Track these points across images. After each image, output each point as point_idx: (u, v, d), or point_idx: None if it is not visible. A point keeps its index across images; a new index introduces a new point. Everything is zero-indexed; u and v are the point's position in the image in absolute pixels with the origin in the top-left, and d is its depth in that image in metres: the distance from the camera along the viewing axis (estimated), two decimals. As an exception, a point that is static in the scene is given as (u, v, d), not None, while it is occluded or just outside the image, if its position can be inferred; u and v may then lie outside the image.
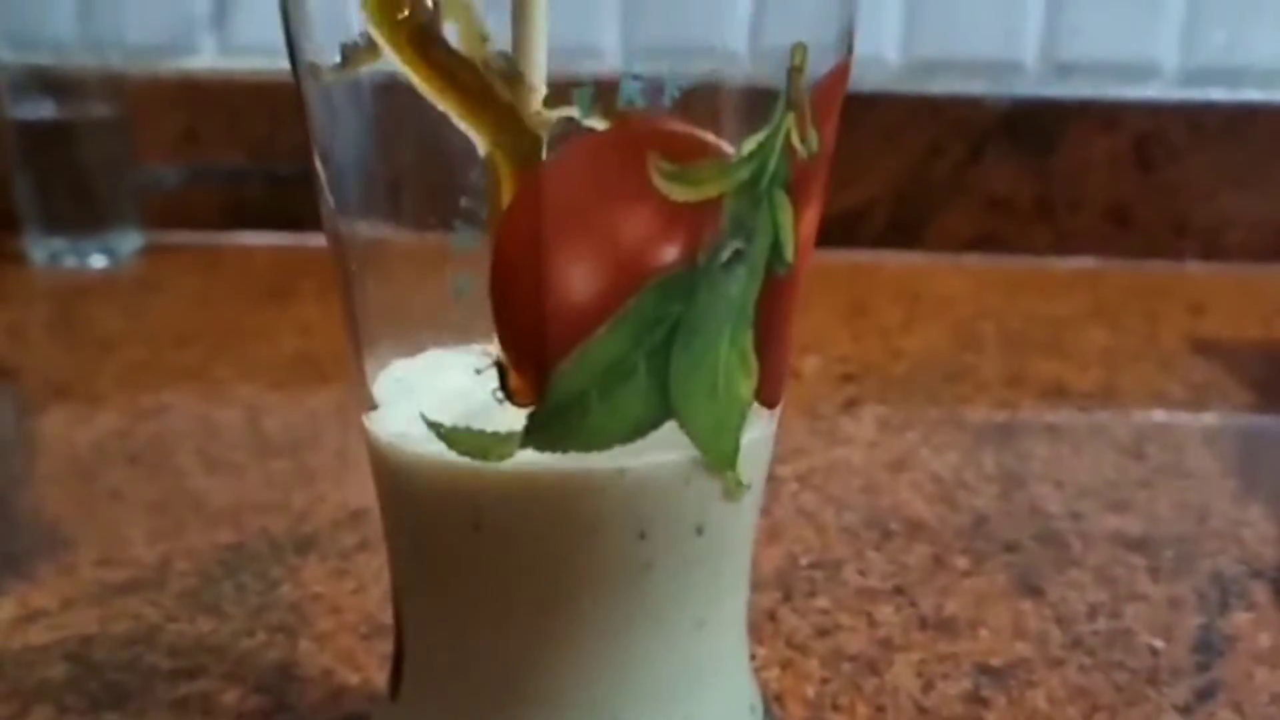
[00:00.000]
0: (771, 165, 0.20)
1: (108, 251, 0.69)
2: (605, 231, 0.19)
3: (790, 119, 0.20)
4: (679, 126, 0.19)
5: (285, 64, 0.21)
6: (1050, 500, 0.42)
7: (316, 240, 0.23)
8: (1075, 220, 0.71)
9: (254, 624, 0.35)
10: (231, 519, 0.40)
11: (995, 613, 0.36)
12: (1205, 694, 0.32)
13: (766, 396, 0.22)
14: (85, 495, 0.42)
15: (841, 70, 0.21)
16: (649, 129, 0.18)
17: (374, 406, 0.22)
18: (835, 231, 0.73)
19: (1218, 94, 0.69)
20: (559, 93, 0.18)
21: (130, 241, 0.70)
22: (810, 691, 0.32)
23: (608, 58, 0.19)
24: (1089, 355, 0.57)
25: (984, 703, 0.32)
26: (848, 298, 0.64)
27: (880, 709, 0.31)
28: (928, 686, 0.32)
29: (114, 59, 0.68)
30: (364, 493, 0.34)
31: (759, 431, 0.22)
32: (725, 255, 0.19)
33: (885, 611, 0.36)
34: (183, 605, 0.36)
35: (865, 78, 0.71)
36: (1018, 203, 0.71)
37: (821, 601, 0.36)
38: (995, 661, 0.33)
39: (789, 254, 0.21)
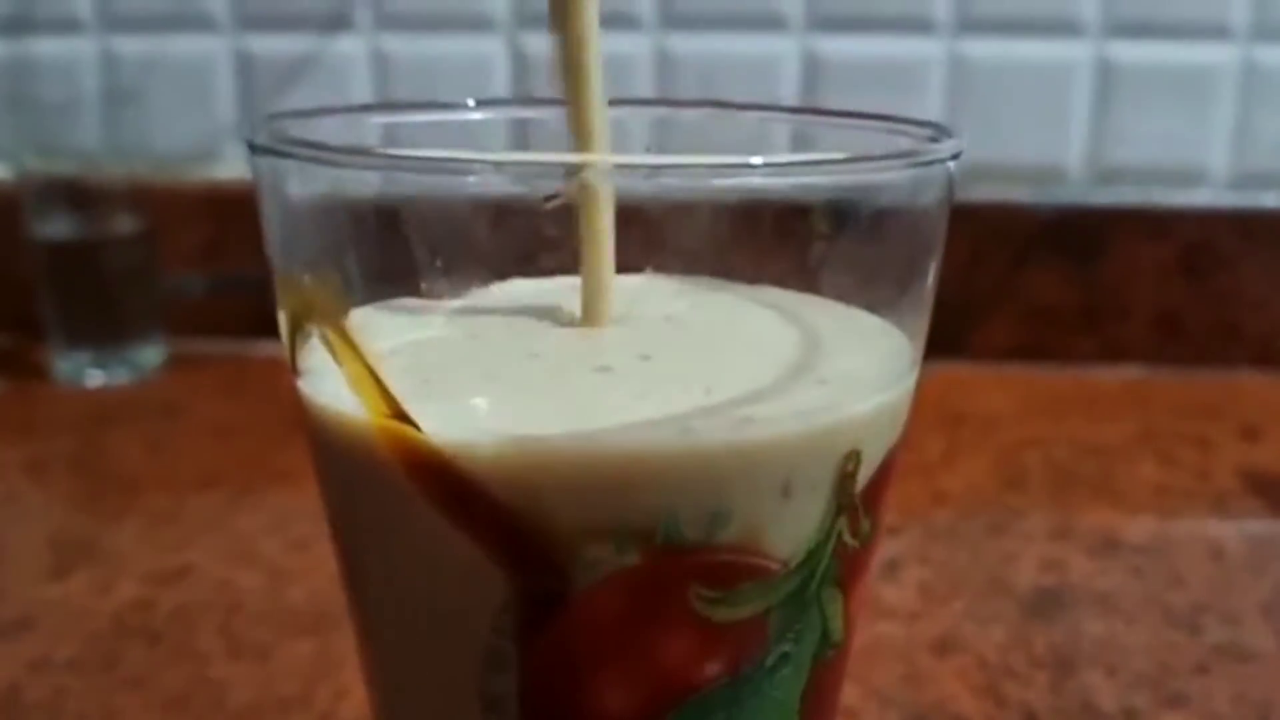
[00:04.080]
0: (821, 568, 0.18)
1: (132, 365, 0.68)
2: (643, 654, 0.18)
3: (842, 521, 0.18)
4: (721, 555, 0.17)
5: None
6: (1102, 693, 0.41)
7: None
8: (1122, 329, 0.69)
9: None
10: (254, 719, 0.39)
11: (1047, 847, 0.34)
12: None
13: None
14: (105, 685, 0.41)
15: (893, 460, 0.20)
16: (689, 562, 0.17)
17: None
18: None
19: (1270, 199, 0.67)
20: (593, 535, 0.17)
21: (154, 354, 0.69)
22: None
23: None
24: (1139, 497, 0.55)
25: None
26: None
27: None
28: None
29: (139, 168, 0.68)
30: None
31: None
32: (770, 661, 0.18)
33: (931, 843, 0.34)
34: (202, 836, 0.35)
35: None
36: (1062, 312, 0.69)
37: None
38: None
39: (838, 637, 0.19)
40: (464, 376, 0.19)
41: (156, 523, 0.52)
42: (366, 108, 0.24)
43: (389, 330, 0.21)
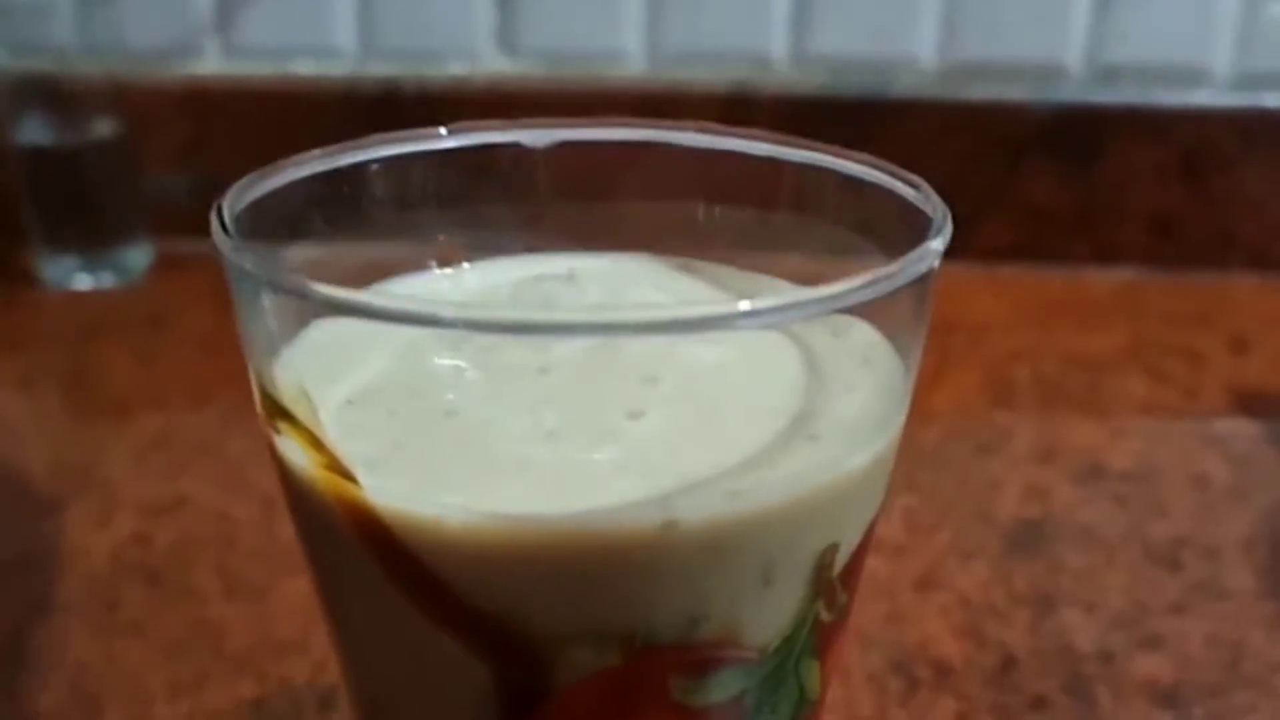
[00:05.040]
0: (799, 648, 0.19)
1: (118, 269, 0.68)
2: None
3: (820, 603, 0.18)
4: (700, 651, 0.18)
5: (294, 67, 0.21)
6: (1080, 633, 0.42)
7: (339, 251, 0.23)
8: (1117, 231, 0.69)
9: (278, 816, 0.35)
10: (252, 665, 0.40)
11: (1020, 798, 0.36)
12: None
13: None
14: (106, 628, 0.42)
15: (871, 534, 0.20)
16: (669, 659, 0.17)
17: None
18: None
19: (1272, 100, 0.66)
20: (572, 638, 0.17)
21: (141, 257, 0.68)
22: None
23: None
24: (1126, 417, 0.55)
25: None
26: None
27: None
28: None
29: (116, 66, 0.66)
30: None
31: None
32: (747, 732, 0.19)
33: (910, 794, 0.36)
34: (207, 789, 0.36)
35: (900, 82, 0.68)
36: (1058, 213, 0.68)
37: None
38: None
39: (815, 695, 0.20)
40: (425, 448, 0.19)
41: (149, 449, 0.53)
42: (335, 151, 0.23)
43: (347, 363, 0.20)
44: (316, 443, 0.18)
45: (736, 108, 0.68)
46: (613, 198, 0.24)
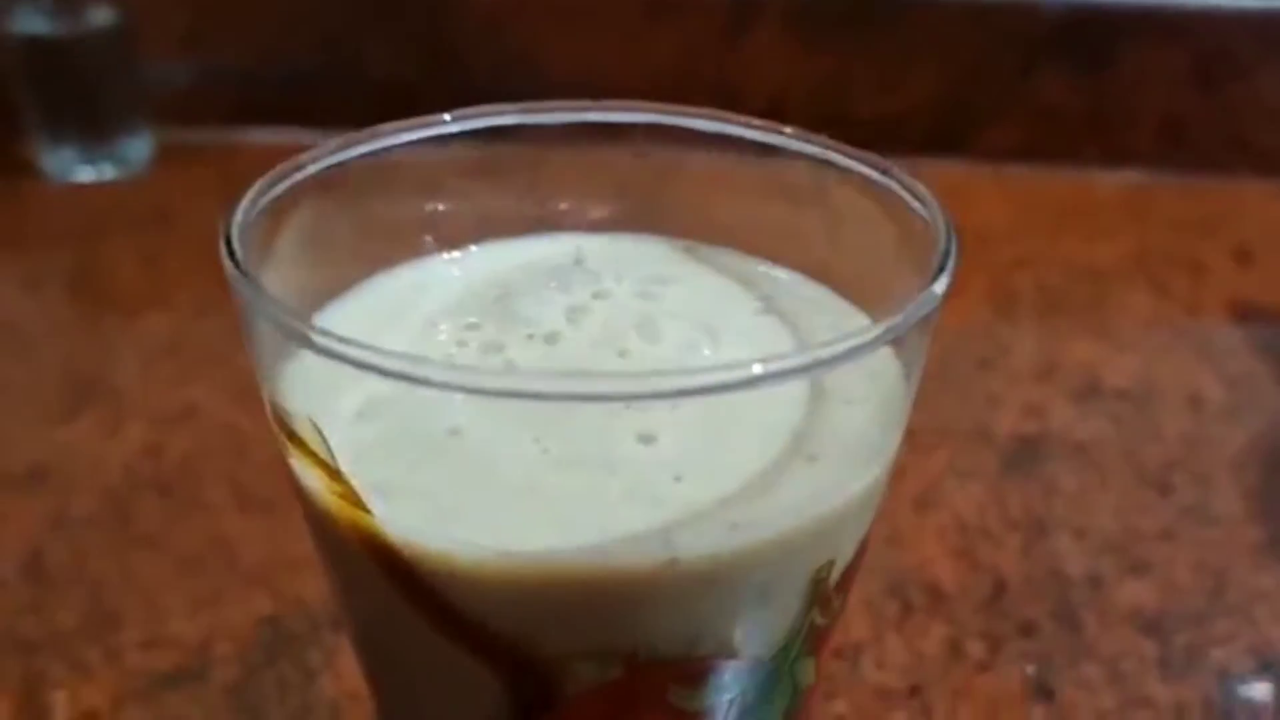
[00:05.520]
0: (795, 652, 0.19)
1: (119, 160, 0.67)
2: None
3: (815, 609, 0.19)
4: (699, 663, 0.18)
5: None
6: (1070, 558, 0.43)
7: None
8: (1127, 135, 0.68)
9: (296, 734, 0.37)
10: (266, 582, 0.41)
11: (1005, 725, 0.37)
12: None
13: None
14: (121, 543, 0.43)
15: (865, 547, 0.20)
16: (669, 671, 0.18)
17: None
18: (873, 138, 0.69)
19: (1293, 1, 0.64)
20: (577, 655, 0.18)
21: (141, 148, 0.68)
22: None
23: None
24: (1127, 332, 0.56)
25: None
26: (882, 236, 0.62)
27: None
28: (935, 828, 0.34)
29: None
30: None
31: None
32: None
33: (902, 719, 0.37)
34: (227, 706, 0.37)
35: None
36: (1068, 115, 0.68)
37: (840, 706, 0.37)
38: (1002, 794, 0.35)
39: (809, 683, 0.21)
40: (436, 475, 0.19)
41: (157, 356, 0.53)
42: (342, 145, 0.23)
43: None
44: (331, 471, 0.19)
45: (743, 8, 0.67)
46: (617, 178, 0.24)
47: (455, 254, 0.24)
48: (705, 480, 0.18)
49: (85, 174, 0.67)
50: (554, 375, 0.17)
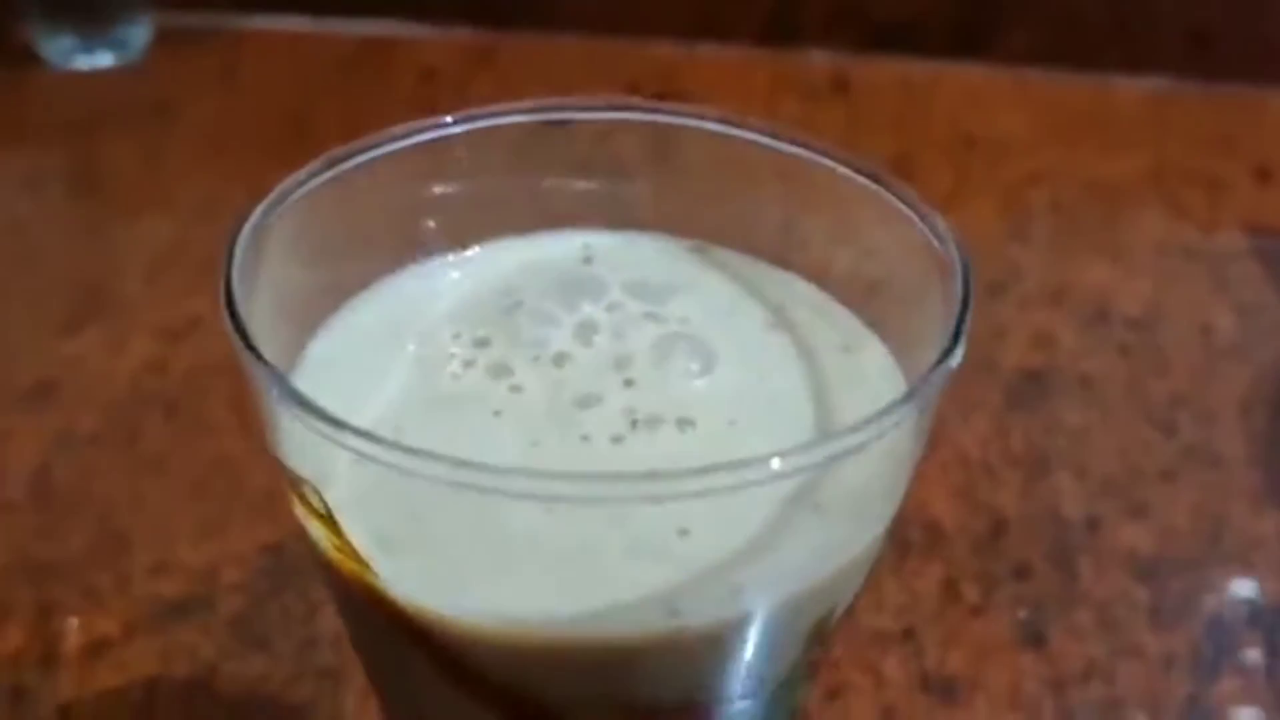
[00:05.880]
0: (795, 683, 0.20)
1: (118, 45, 0.65)
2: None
3: (816, 649, 0.19)
4: (700, 708, 0.19)
5: None
6: (1069, 499, 0.43)
7: (337, 27, 0.23)
8: (1152, 40, 0.65)
9: (301, 667, 0.38)
10: (270, 509, 0.42)
11: (995, 671, 0.38)
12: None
13: None
14: (128, 464, 0.43)
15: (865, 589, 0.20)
16: (668, 715, 0.18)
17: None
18: (891, 40, 0.68)
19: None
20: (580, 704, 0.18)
21: (141, 33, 0.66)
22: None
23: None
24: (1140, 255, 0.55)
25: (969, 800, 0.35)
26: (895, 145, 0.61)
27: (875, 806, 0.34)
28: (920, 777, 0.35)
29: None
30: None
31: None
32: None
33: (892, 665, 0.38)
34: (234, 637, 0.38)
35: None
36: (1091, 19, 0.65)
37: (834, 650, 0.38)
38: (988, 743, 0.36)
39: (806, 700, 0.21)
40: (437, 525, 0.19)
41: (161, 264, 0.53)
42: (341, 155, 0.22)
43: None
44: (333, 527, 0.19)
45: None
46: (625, 176, 0.23)
47: (461, 254, 0.24)
48: (711, 534, 0.18)
49: (83, 61, 0.65)
50: (562, 478, 0.17)
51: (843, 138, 0.63)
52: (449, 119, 0.22)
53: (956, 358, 0.20)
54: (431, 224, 0.23)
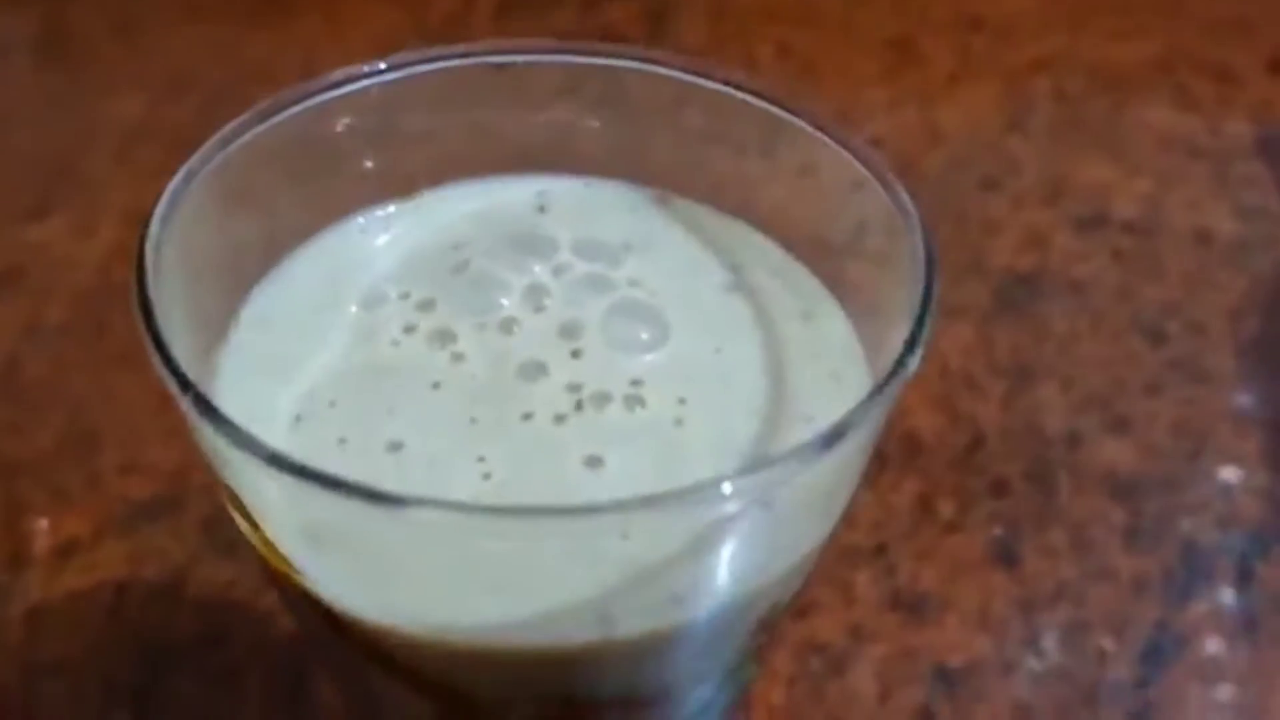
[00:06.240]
0: (738, 669, 0.19)
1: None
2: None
3: (760, 637, 0.19)
4: (639, 703, 0.18)
5: None
6: (1051, 412, 0.42)
7: None
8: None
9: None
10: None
11: (967, 590, 0.38)
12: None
13: None
14: (97, 359, 0.43)
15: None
16: (608, 707, 0.18)
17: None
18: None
19: None
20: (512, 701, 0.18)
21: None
22: (777, 697, 0.35)
23: None
24: (1142, 151, 0.53)
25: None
26: (896, 25, 0.58)
27: (837, 722, 0.35)
28: (884, 695, 0.35)
29: None
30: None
31: None
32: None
33: (863, 582, 0.38)
34: (204, 541, 0.38)
35: None
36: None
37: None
38: (954, 662, 0.36)
39: (753, 676, 0.21)
40: (357, 541, 0.18)
41: (132, 140, 0.51)
42: (274, 107, 0.21)
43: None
44: (254, 525, 0.18)
45: None
46: (581, 121, 0.22)
47: (408, 202, 0.23)
48: (652, 538, 0.17)
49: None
50: (470, 512, 0.16)
51: (841, 17, 0.60)
52: (383, 65, 0.21)
53: (913, 364, 0.19)
54: (377, 171, 0.22)
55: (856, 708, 0.35)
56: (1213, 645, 0.37)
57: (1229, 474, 0.41)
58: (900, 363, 0.19)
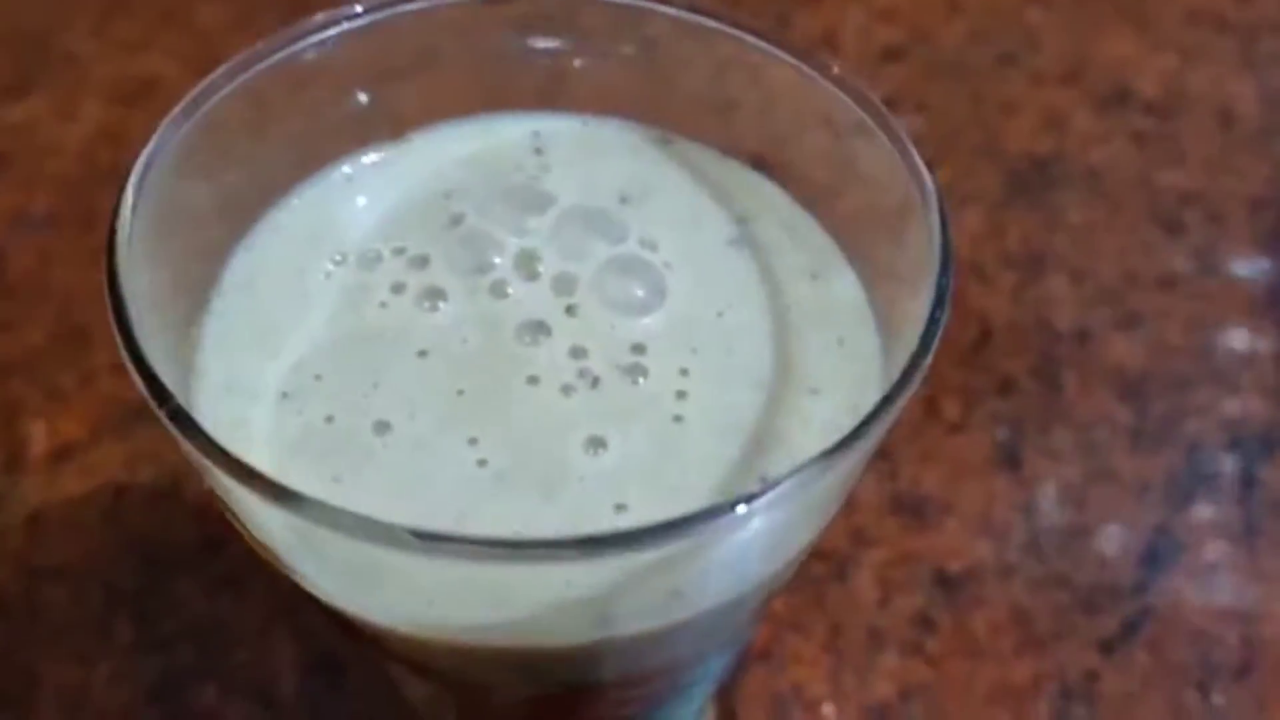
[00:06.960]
0: (739, 638, 0.19)
1: None
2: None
3: (762, 609, 0.18)
4: (638, 684, 0.18)
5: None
6: (1061, 306, 0.41)
7: None
8: None
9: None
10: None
11: (969, 493, 0.37)
12: (1130, 627, 0.35)
13: None
14: (84, 251, 0.41)
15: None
16: (607, 687, 0.18)
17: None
18: None
19: None
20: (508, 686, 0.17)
21: None
22: (779, 604, 0.35)
23: None
24: (1167, 26, 0.50)
25: (929, 625, 0.35)
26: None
27: (836, 629, 0.35)
28: (884, 601, 0.35)
29: None
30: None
31: None
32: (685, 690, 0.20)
33: (865, 485, 0.37)
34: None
35: None
36: None
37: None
38: (953, 568, 0.36)
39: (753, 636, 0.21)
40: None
41: (110, 12, 0.49)
42: (252, 58, 0.19)
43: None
44: (245, 527, 0.17)
45: None
46: (581, 59, 0.20)
47: (399, 145, 0.21)
48: (649, 519, 0.17)
49: None
50: (440, 542, 0.15)
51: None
52: (359, 9, 0.19)
53: (921, 371, 0.18)
54: (363, 114, 0.21)
55: (857, 613, 0.35)
56: (1212, 551, 0.36)
57: (1239, 374, 0.40)
58: (912, 364, 0.18)
